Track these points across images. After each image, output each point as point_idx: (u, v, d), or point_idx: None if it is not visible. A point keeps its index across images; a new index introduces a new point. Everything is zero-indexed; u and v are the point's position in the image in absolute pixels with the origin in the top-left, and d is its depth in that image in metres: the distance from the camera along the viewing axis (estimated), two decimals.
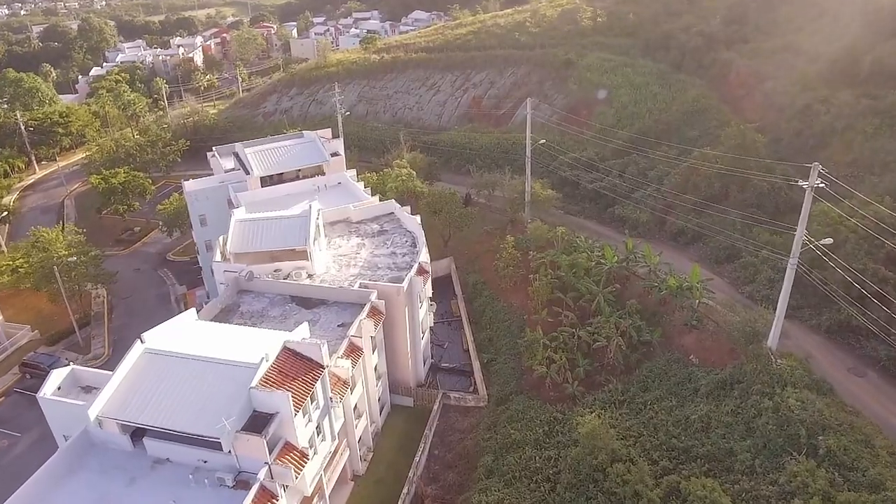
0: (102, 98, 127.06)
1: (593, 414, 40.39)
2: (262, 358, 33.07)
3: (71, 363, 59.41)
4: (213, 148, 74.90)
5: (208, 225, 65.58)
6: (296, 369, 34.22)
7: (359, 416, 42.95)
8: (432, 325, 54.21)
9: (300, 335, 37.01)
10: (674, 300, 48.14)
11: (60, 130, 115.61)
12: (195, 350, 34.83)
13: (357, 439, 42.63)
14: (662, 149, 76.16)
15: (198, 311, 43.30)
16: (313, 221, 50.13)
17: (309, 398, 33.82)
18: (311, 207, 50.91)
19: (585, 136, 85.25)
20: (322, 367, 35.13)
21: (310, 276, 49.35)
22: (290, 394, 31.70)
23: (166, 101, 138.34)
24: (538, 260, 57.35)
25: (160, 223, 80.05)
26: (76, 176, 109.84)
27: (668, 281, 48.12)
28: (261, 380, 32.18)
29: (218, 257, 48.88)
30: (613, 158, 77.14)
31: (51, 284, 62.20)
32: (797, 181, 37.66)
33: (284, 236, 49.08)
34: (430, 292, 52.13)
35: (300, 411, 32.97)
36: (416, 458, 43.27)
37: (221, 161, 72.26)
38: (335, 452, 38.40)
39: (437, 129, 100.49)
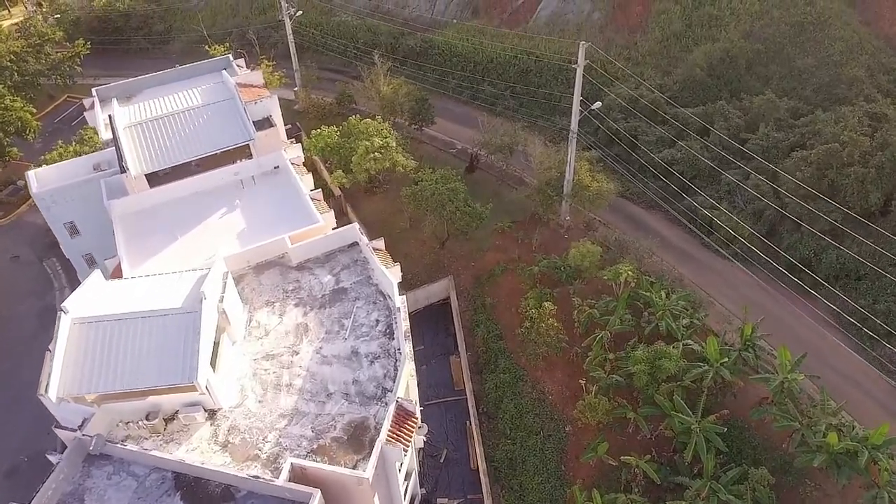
0: None
1: None
2: None
3: None
4: (94, 91, 49.64)
5: (81, 234, 43.49)
6: None
7: None
8: (422, 426, 34.17)
9: None
10: (832, 471, 28.03)
11: None
12: None
13: None
14: (763, 93, 51.49)
15: None
16: (209, 321, 28.32)
17: None
18: (203, 297, 28.64)
19: (640, 51, 59.73)
20: None
21: (211, 414, 28.84)
22: None
23: None
24: (587, 321, 36.40)
25: None
26: None
27: (828, 437, 27.66)
28: None
29: (50, 393, 27.46)
30: (688, 100, 52.56)
31: None
32: None
33: (158, 362, 27.56)
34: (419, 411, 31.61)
35: None
36: None
37: (104, 113, 47.69)
38: None
39: (430, 24, 72.74)
